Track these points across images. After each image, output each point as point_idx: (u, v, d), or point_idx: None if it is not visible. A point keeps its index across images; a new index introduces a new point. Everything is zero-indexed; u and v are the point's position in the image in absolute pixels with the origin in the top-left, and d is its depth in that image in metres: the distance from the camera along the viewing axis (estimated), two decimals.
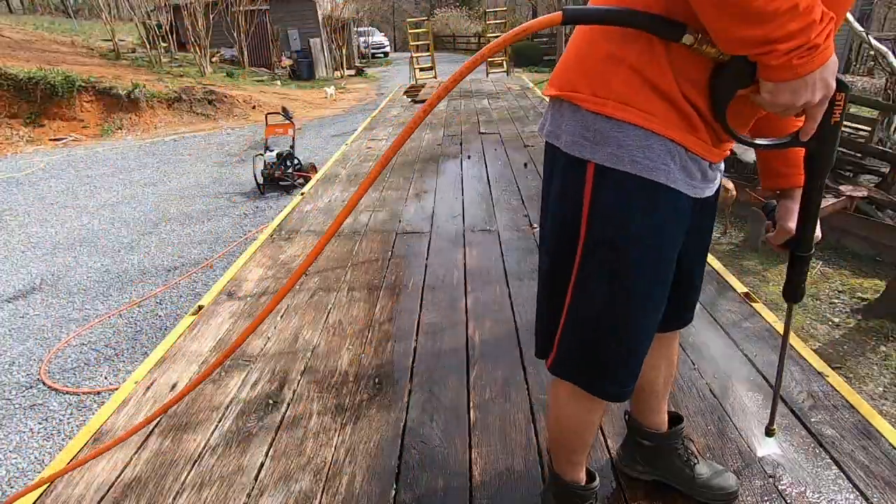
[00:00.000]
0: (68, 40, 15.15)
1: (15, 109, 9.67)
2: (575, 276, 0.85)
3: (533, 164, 4.13)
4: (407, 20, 13.02)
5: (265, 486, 1.34)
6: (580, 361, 0.92)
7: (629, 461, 1.29)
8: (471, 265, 2.50)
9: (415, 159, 4.58)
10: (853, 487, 1.23)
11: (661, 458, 1.23)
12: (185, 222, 5.42)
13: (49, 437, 2.57)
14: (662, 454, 1.22)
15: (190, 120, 10.91)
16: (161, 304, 3.79)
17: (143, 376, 1.80)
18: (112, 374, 3.02)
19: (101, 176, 7.32)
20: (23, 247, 4.97)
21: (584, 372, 0.93)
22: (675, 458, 1.22)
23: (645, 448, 1.23)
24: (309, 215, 3.33)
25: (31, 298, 3.96)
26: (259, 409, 1.62)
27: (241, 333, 0.84)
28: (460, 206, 3.31)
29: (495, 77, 11.15)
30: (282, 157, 6.07)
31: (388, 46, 27.24)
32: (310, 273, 2.53)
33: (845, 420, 1.43)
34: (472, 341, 1.90)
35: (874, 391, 2.46)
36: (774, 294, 3.52)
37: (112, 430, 1.56)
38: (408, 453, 1.42)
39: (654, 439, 1.21)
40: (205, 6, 14.22)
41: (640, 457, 1.26)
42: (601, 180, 0.78)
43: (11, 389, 2.92)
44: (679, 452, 1.22)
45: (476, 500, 1.27)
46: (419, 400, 1.62)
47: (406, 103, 7.97)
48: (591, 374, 0.93)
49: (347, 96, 14.32)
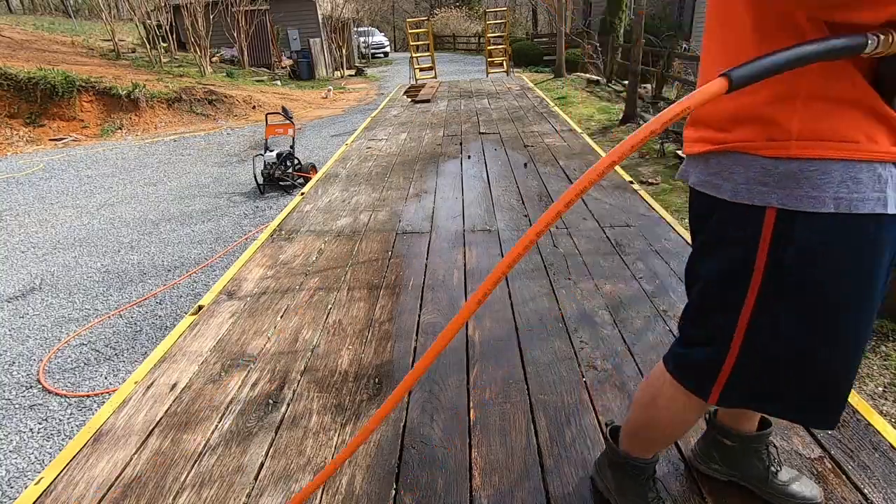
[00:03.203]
0: (68, 40, 15.17)
1: (15, 109, 9.67)
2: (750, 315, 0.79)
3: (533, 164, 4.13)
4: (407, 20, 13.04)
5: (265, 486, 1.34)
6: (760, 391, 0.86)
7: (705, 459, 1.26)
8: (471, 265, 2.50)
9: (415, 159, 4.58)
10: (853, 487, 1.23)
11: (743, 460, 1.19)
12: (185, 222, 5.42)
13: (49, 437, 2.57)
14: (744, 455, 1.18)
15: (190, 120, 10.91)
16: (161, 304, 3.79)
17: (143, 376, 1.80)
18: (112, 374, 3.02)
19: (101, 176, 7.32)
20: (23, 247, 4.97)
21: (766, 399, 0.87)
22: (757, 460, 1.18)
23: (726, 447, 1.20)
24: (309, 215, 3.33)
25: (30, 298, 3.96)
26: (259, 408, 1.62)
27: None
28: (460, 206, 3.31)
29: (495, 77, 11.15)
30: (282, 157, 6.07)
31: (388, 46, 27.24)
32: (310, 273, 2.53)
33: (845, 420, 1.43)
34: (472, 341, 1.90)
35: (874, 391, 2.46)
36: None
37: (112, 430, 1.56)
38: (408, 453, 1.42)
39: (738, 440, 1.17)
40: (205, 6, 14.23)
41: (720, 456, 1.22)
42: (788, 224, 0.72)
43: (11, 389, 2.92)
44: (762, 456, 1.18)
45: (476, 500, 1.27)
46: (419, 400, 1.62)
47: (406, 103, 7.97)
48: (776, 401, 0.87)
49: (347, 96, 14.32)
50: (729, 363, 0.85)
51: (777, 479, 1.17)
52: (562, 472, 1.33)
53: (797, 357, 0.80)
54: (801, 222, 0.70)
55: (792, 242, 0.72)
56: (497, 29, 13.31)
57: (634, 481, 1.14)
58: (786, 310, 0.77)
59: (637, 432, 1.10)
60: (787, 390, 0.84)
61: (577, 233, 2.79)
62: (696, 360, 0.91)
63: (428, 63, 11.66)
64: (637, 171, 6.04)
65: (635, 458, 1.12)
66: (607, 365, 1.72)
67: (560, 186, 3.60)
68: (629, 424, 1.12)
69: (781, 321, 0.77)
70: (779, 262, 0.73)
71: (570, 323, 1.97)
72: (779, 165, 0.71)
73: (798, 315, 0.76)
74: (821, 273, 0.73)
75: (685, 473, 1.30)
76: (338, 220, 3.22)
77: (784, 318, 0.77)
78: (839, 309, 0.75)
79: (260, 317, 2.15)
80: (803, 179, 0.69)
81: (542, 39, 20.12)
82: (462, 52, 26.96)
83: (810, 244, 0.71)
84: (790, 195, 0.70)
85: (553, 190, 3.53)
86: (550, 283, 2.27)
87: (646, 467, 1.13)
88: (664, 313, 2.00)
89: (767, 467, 1.17)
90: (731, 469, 1.22)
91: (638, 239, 2.67)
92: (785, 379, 0.83)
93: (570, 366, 1.73)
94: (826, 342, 0.78)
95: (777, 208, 0.71)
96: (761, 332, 0.80)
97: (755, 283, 0.76)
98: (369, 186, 3.87)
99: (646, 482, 1.15)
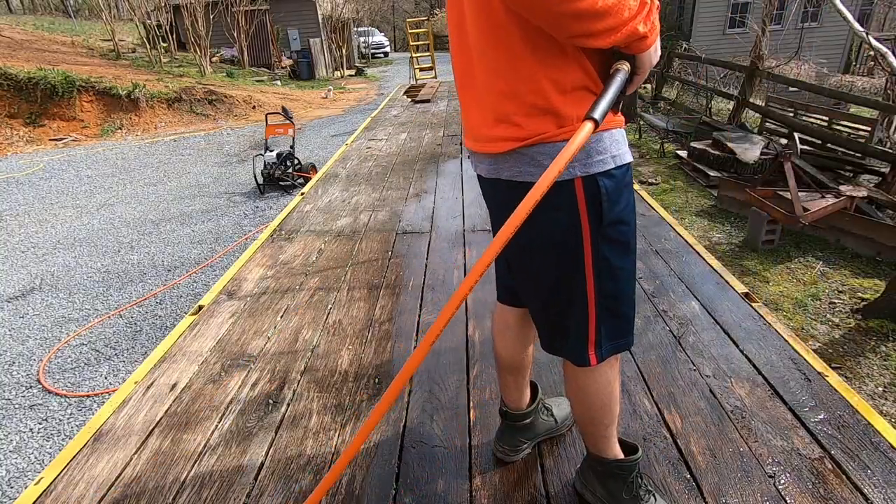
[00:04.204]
0: (68, 40, 15.16)
1: (15, 109, 9.67)
2: (591, 266, 0.97)
3: None
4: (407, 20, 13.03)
5: (265, 486, 1.34)
6: (615, 332, 1.04)
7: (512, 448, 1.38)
8: (471, 265, 2.50)
9: (415, 159, 4.58)
10: (853, 487, 1.23)
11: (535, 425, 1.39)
12: (185, 222, 5.42)
13: (49, 437, 2.57)
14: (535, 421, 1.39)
15: (190, 120, 10.91)
16: (161, 304, 3.79)
17: (143, 376, 1.80)
18: (112, 374, 3.02)
19: (101, 176, 7.32)
20: (23, 247, 4.97)
21: (618, 337, 1.05)
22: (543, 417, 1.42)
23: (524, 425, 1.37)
24: (309, 215, 3.33)
25: (31, 298, 3.96)
26: (259, 408, 1.62)
27: None
28: (460, 206, 3.31)
29: None
30: (282, 157, 6.08)
31: (388, 46, 27.23)
32: (310, 273, 2.53)
33: (845, 420, 1.43)
34: (471, 341, 1.90)
35: (874, 391, 2.46)
36: (774, 294, 3.52)
37: (112, 430, 1.56)
38: (408, 453, 1.42)
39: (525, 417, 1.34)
40: (205, 6, 14.23)
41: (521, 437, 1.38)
42: (592, 184, 0.91)
43: (11, 389, 2.92)
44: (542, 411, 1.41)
45: (476, 500, 1.27)
46: (419, 400, 1.62)
47: (406, 103, 7.97)
48: (622, 336, 1.06)
49: (347, 96, 14.32)
50: (592, 320, 1.01)
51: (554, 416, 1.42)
52: (562, 472, 1.33)
53: (623, 286, 1.01)
54: (601, 179, 0.91)
55: (599, 196, 0.92)
56: None
57: (623, 482, 1.16)
58: (611, 248, 0.97)
59: (587, 426, 1.15)
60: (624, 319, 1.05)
61: None
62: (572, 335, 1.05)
63: (428, 63, 11.66)
64: (637, 171, 6.04)
65: (614, 460, 1.15)
66: None
67: None
68: (579, 424, 1.18)
69: (611, 260, 0.97)
70: (596, 213, 0.93)
71: None
72: None
73: (618, 249, 0.98)
74: (621, 209, 0.95)
75: (683, 471, 1.30)
76: (338, 220, 3.22)
77: (612, 256, 0.97)
78: (633, 233, 1.01)
79: (260, 317, 2.15)
80: (591, 150, 0.90)
81: None
82: None
83: (610, 192, 0.92)
84: (586, 163, 0.90)
85: None
86: None
87: (631, 465, 1.15)
88: (664, 313, 2.00)
89: (550, 414, 1.42)
90: (534, 436, 1.39)
91: (638, 239, 2.66)
92: (621, 308, 1.03)
93: None
94: (633, 262, 1.03)
95: (581, 176, 0.90)
96: (603, 277, 0.98)
97: (586, 237, 0.94)
98: (369, 186, 3.87)
99: (634, 480, 1.16)
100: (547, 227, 0.96)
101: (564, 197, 0.92)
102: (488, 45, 0.88)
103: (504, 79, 0.88)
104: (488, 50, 0.88)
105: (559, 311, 1.04)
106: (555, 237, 0.96)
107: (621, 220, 0.96)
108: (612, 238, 0.96)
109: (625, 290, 1.03)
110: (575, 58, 0.84)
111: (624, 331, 1.06)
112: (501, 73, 0.88)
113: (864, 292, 3.45)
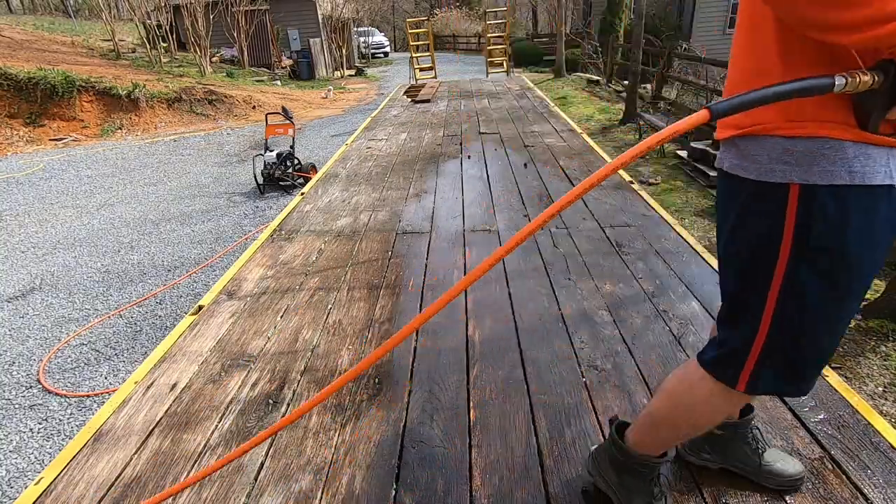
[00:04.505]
0: (68, 40, 15.17)
1: (15, 109, 9.67)
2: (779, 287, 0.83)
3: (533, 164, 4.13)
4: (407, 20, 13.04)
5: (265, 486, 1.34)
6: (783, 371, 0.90)
7: (696, 450, 1.28)
8: (471, 265, 2.50)
9: (415, 159, 4.58)
10: (853, 487, 1.23)
11: (731, 446, 1.23)
12: (185, 222, 5.42)
13: (49, 437, 2.57)
14: (733, 442, 1.23)
15: (190, 120, 10.91)
16: (161, 304, 3.79)
17: (143, 376, 1.80)
18: (112, 374, 3.02)
19: (101, 176, 7.32)
20: (23, 247, 4.97)
21: (783, 379, 0.91)
22: (744, 445, 1.22)
23: (715, 437, 1.23)
24: (309, 215, 3.33)
25: (31, 298, 3.96)
26: (259, 408, 1.62)
27: None
28: (460, 206, 3.31)
29: (495, 77, 11.15)
30: (282, 157, 6.07)
31: (388, 46, 27.25)
32: (310, 273, 2.53)
33: (845, 420, 1.43)
34: (471, 341, 1.90)
35: (874, 391, 2.46)
36: None
37: (112, 430, 1.56)
38: (408, 453, 1.42)
39: (727, 428, 1.20)
40: (205, 6, 14.23)
41: (709, 445, 1.26)
42: (808, 196, 0.77)
43: (11, 389, 2.92)
44: (748, 440, 1.22)
45: (476, 500, 1.27)
46: (419, 400, 1.62)
47: (406, 103, 7.97)
48: (790, 381, 0.92)
49: (347, 96, 14.33)
50: (758, 344, 0.87)
51: (764, 460, 1.22)
52: (562, 472, 1.33)
53: (821, 325, 0.85)
54: (823, 195, 0.76)
55: (814, 214, 0.77)
56: (497, 29, 13.31)
57: (641, 480, 1.12)
58: (810, 279, 0.81)
59: (659, 424, 1.07)
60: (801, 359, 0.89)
61: (577, 233, 2.79)
62: (729, 348, 0.92)
63: (428, 63, 11.66)
64: (637, 171, 6.04)
65: (645, 456, 1.10)
66: (607, 365, 1.72)
67: (560, 186, 3.60)
68: (651, 416, 1.08)
69: (807, 291, 0.81)
70: (804, 233, 0.78)
71: (570, 323, 1.97)
72: (797, 144, 0.76)
73: (822, 282, 0.81)
74: (841, 240, 0.77)
75: (679, 466, 1.30)
76: (338, 220, 3.22)
77: (809, 287, 0.81)
78: (854, 274, 0.80)
79: (260, 317, 2.15)
80: (820, 156, 0.74)
81: (542, 39, 20.14)
82: (462, 52, 26.96)
83: (831, 214, 0.76)
84: (809, 171, 0.75)
85: (553, 190, 3.53)
86: (550, 283, 2.27)
87: (655, 466, 1.11)
88: (664, 313, 2.00)
89: (755, 450, 1.22)
90: (722, 457, 1.25)
91: (638, 239, 2.67)
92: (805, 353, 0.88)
93: (570, 366, 1.73)
94: (843, 308, 0.84)
95: (799, 184, 0.76)
96: (789, 306, 0.83)
97: (783, 255, 0.80)
98: (369, 186, 3.87)
99: (652, 481, 1.13)
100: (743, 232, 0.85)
101: (770, 203, 0.80)
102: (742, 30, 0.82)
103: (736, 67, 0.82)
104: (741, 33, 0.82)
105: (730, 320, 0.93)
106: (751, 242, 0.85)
107: (842, 253, 0.78)
108: (818, 267, 0.80)
109: (815, 332, 0.85)
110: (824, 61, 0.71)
111: (797, 375, 0.91)
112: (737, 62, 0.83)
113: None
